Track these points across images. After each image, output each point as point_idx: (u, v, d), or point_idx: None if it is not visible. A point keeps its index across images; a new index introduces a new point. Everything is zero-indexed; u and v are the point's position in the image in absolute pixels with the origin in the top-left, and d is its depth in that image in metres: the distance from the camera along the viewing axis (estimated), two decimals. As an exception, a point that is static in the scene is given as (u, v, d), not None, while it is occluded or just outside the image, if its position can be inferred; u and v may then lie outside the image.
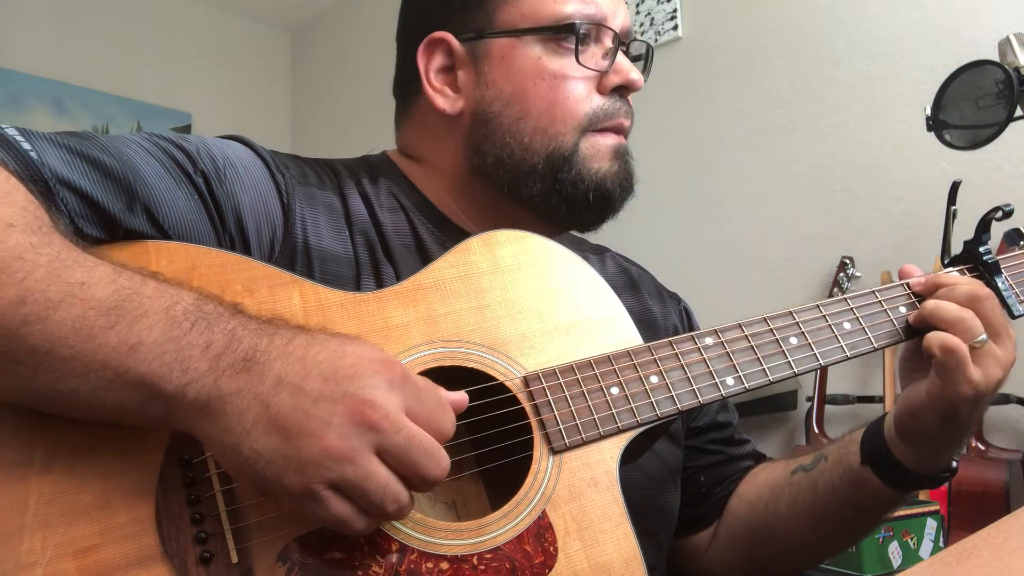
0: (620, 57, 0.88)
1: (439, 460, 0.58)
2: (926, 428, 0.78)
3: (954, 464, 0.83)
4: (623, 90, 0.88)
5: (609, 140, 0.87)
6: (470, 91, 0.87)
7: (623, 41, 0.89)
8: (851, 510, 0.86)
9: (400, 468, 0.57)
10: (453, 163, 0.90)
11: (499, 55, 0.86)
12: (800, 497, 0.89)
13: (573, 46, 0.84)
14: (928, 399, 0.77)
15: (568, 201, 0.86)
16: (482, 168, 0.88)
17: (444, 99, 0.88)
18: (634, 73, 0.88)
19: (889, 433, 0.82)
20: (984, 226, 0.86)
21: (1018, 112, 0.90)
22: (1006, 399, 1.76)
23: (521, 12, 0.85)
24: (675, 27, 2.59)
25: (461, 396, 0.63)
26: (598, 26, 0.86)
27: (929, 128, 0.96)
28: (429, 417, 0.58)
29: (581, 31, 0.84)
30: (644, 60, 0.96)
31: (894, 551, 1.48)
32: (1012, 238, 0.92)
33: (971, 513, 1.62)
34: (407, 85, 0.93)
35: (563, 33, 0.85)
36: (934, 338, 0.76)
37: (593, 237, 1.03)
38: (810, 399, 2.08)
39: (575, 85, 0.85)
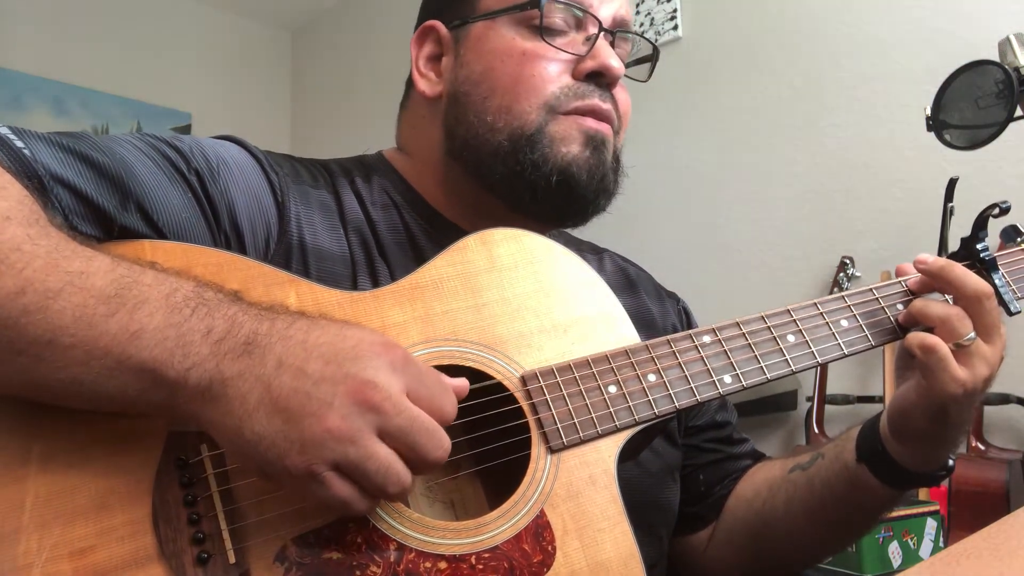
0: (603, 46, 0.85)
1: (440, 441, 0.58)
2: (917, 427, 0.78)
3: (951, 462, 0.83)
4: (600, 78, 0.85)
5: (584, 123, 0.84)
6: (449, 74, 0.88)
7: (610, 30, 0.87)
8: (848, 508, 0.86)
9: (401, 449, 0.57)
10: (433, 149, 0.90)
11: (475, 37, 0.86)
12: (797, 495, 0.89)
13: (548, 28, 0.83)
14: (917, 398, 0.77)
15: (531, 186, 0.83)
16: (453, 151, 0.87)
17: (426, 83, 0.89)
18: (612, 60, 0.84)
19: (884, 431, 0.82)
20: (981, 223, 0.85)
21: (1018, 112, 0.90)
22: (1006, 399, 1.76)
23: None
24: (675, 27, 2.59)
25: (461, 382, 0.63)
26: (583, 12, 0.85)
27: (929, 128, 0.95)
28: (431, 399, 0.59)
29: (548, 8, 0.83)
30: (650, 61, 0.96)
31: (894, 551, 1.48)
32: (1009, 235, 0.92)
33: (971, 513, 1.61)
34: (407, 78, 0.95)
35: (529, 9, 0.84)
36: (914, 337, 0.76)
37: (594, 236, 1.03)
38: (810, 399, 2.08)
39: (545, 65, 0.83)
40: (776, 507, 0.91)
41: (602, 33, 0.86)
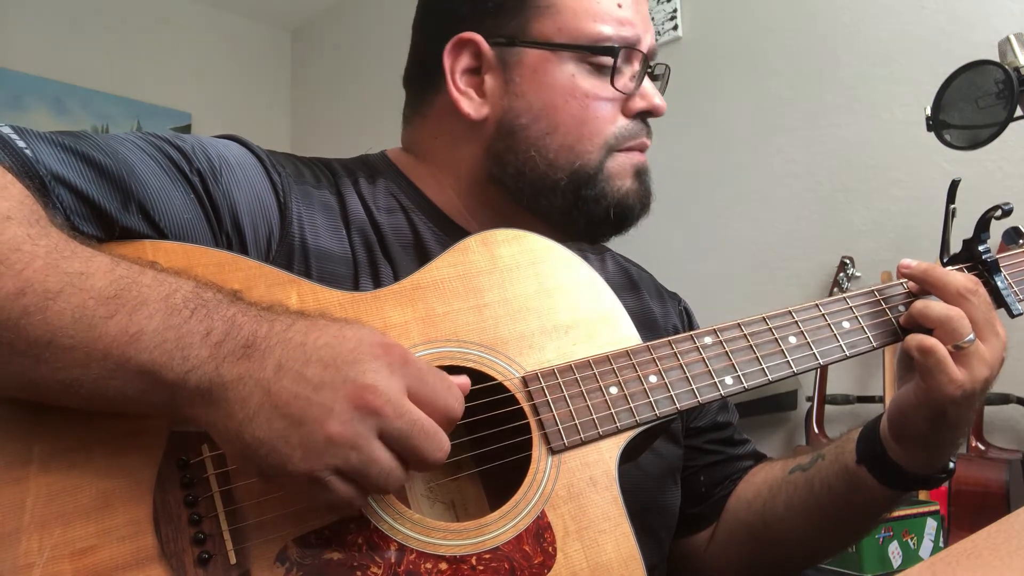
0: (649, 84, 0.88)
1: (440, 443, 0.58)
2: (916, 429, 0.78)
3: (951, 465, 0.83)
4: (646, 114, 0.89)
5: (633, 158, 0.88)
6: (497, 99, 0.86)
7: (650, 63, 0.89)
8: (848, 509, 0.86)
9: (401, 451, 0.57)
10: (468, 168, 0.89)
11: (532, 66, 0.85)
12: (797, 496, 0.89)
13: (607, 67, 0.84)
14: (916, 400, 0.77)
15: (588, 217, 0.86)
16: (501, 178, 0.87)
17: (469, 103, 0.86)
18: (658, 99, 0.88)
19: (884, 433, 0.82)
20: (983, 225, 0.85)
21: (1018, 112, 0.90)
22: (1006, 399, 1.76)
23: (558, 26, 0.84)
24: (675, 27, 2.59)
25: (463, 380, 0.63)
26: (630, 49, 0.86)
27: (929, 128, 0.95)
28: (434, 399, 0.59)
29: (618, 55, 0.84)
30: (663, 79, 0.96)
31: (894, 551, 1.48)
32: (1011, 237, 0.92)
33: (971, 513, 1.61)
34: (424, 80, 0.91)
35: (601, 55, 0.84)
36: (912, 340, 0.77)
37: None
38: (810, 399, 2.08)
39: (603, 105, 0.85)
40: (776, 508, 0.91)
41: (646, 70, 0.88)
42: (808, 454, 0.92)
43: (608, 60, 0.84)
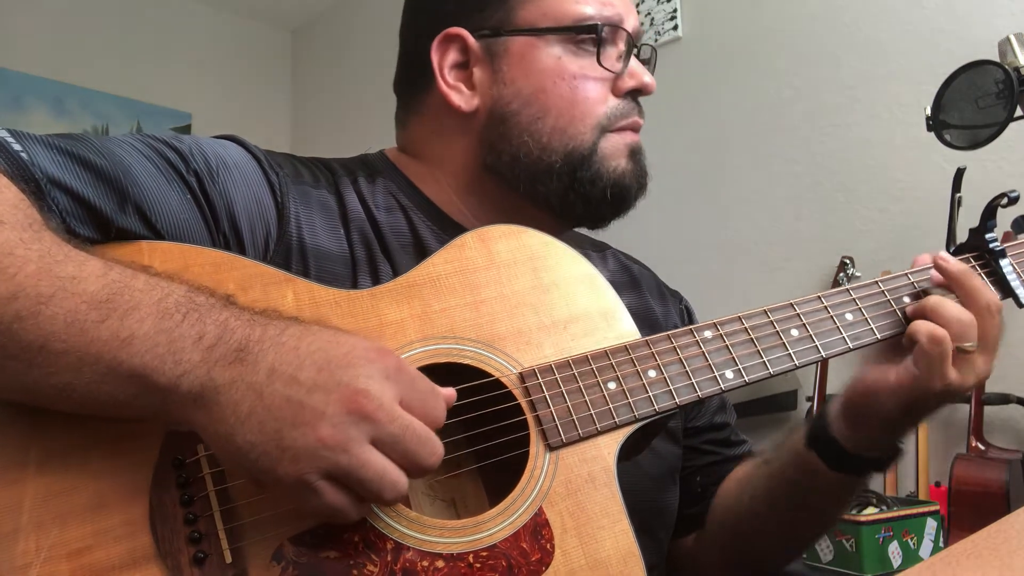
0: (636, 63, 0.89)
1: (433, 448, 0.58)
2: (883, 410, 0.78)
3: (900, 446, 0.83)
4: (636, 93, 0.89)
5: (627, 138, 0.88)
6: (486, 89, 0.87)
7: (635, 44, 0.89)
8: (801, 494, 0.86)
9: (395, 457, 0.57)
10: (464, 161, 0.89)
11: (518, 53, 0.85)
12: (760, 487, 0.90)
13: (592, 47, 0.85)
14: (896, 383, 0.76)
15: (585, 199, 0.86)
16: (496, 166, 0.87)
17: (459, 96, 0.87)
18: (647, 77, 0.89)
19: (834, 414, 0.82)
20: (990, 213, 0.85)
21: (1018, 112, 0.90)
22: (1006, 399, 1.75)
23: (542, 11, 0.85)
24: (675, 27, 2.59)
25: (449, 392, 0.63)
26: (614, 28, 0.87)
27: (929, 128, 0.95)
28: (423, 406, 0.59)
29: (602, 33, 0.85)
30: (650, 63, 0.97)
31: (894, 551, 1.48)
32: (1020, 226, 0.92)
33: (971, 513, 1.61)
34: (415, 81, 0.92)
35: (585, 34, 0.85)
36: (923, 326, 0.76)
37: (595, 233, 1.03)
38: (810, 399, 2.08)
39: (592, 86, 0.86)
40: (743, 502, 0.92)
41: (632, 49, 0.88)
42: (774, 451, 0.92)
43: (592, 38, 0.85)
